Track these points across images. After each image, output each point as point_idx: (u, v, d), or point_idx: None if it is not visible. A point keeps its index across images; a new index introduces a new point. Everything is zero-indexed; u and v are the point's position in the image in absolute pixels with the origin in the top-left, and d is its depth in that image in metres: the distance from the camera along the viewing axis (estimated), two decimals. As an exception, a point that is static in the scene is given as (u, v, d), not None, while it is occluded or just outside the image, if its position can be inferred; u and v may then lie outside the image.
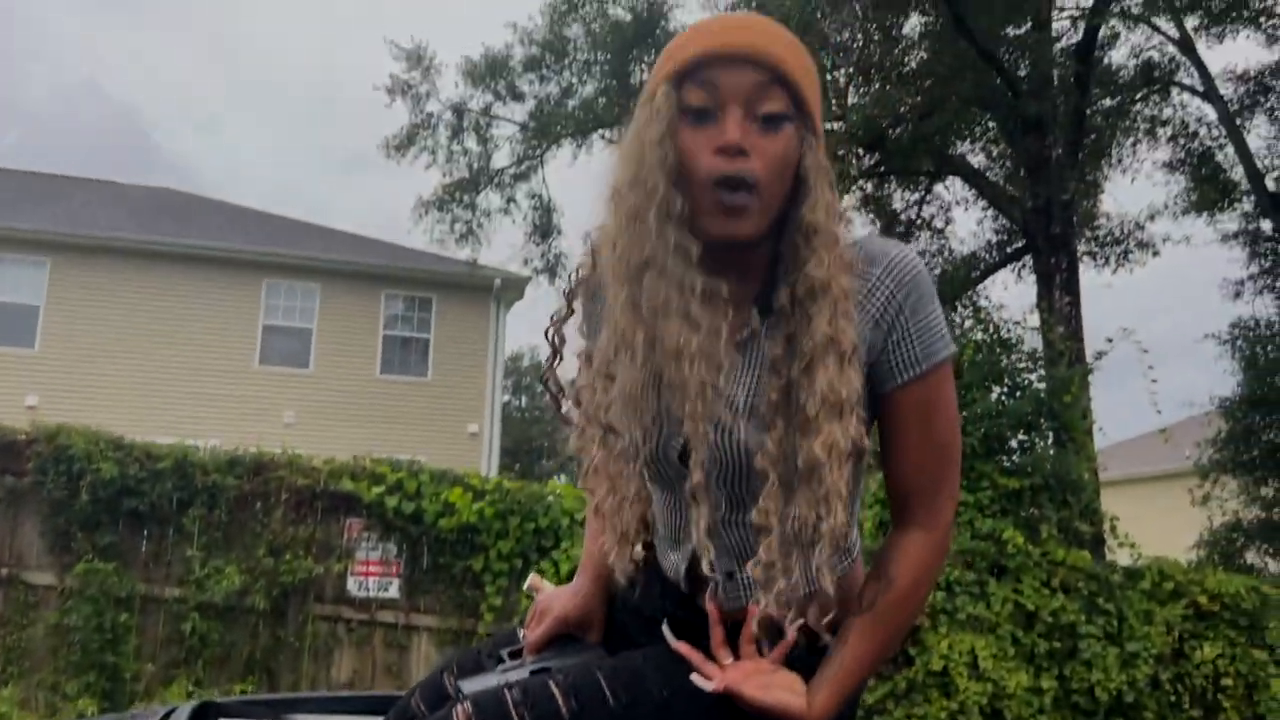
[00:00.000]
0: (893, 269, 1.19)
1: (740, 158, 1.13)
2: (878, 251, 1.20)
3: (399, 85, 15.51)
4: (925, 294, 1.20)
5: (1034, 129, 12.14)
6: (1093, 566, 8.22)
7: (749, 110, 1.14)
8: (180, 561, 7.37)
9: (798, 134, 1.17)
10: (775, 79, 1.14)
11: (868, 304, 1.18)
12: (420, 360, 17.82)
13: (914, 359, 1.20)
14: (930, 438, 1.23)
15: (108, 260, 16.46)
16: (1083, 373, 9.74)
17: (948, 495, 1.26)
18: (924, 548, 1.25)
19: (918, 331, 1.20)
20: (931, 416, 1.23)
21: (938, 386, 1.23)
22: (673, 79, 1.16)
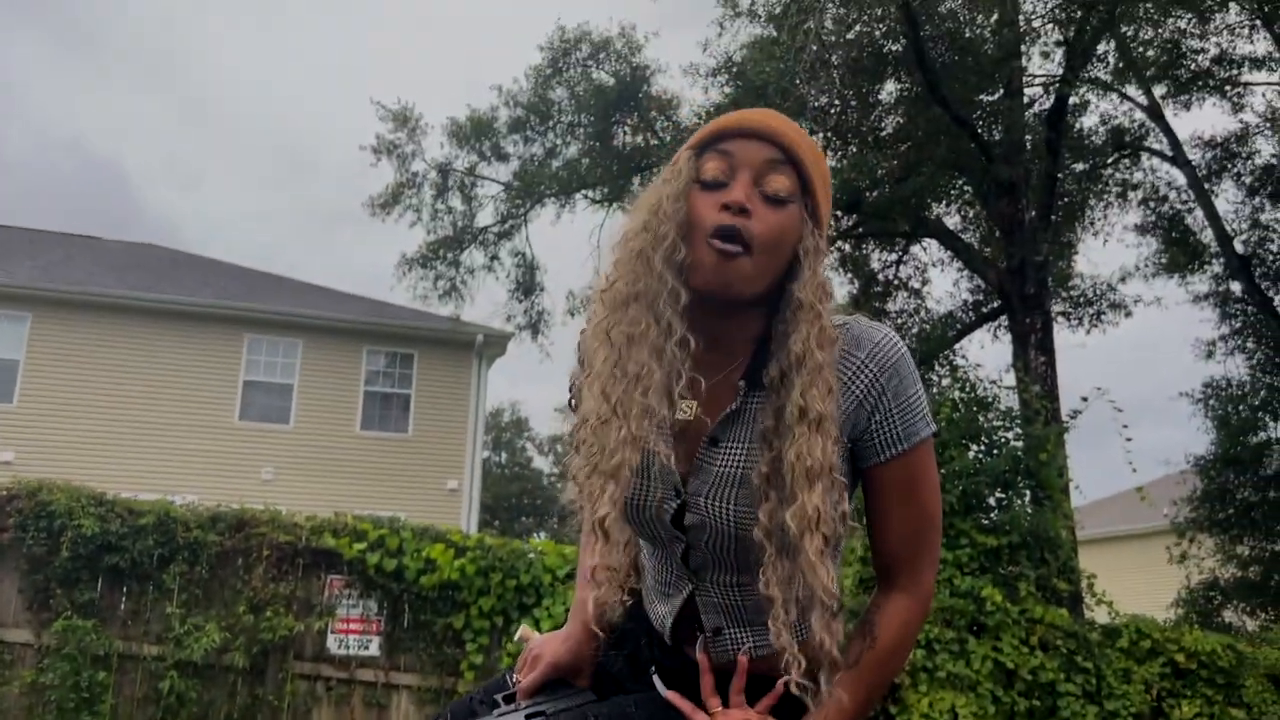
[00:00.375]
0: (876, 353, 1.26)
1: (741, 215, 1.22)
2: (863, 335, 1.27)
3: (385, 145, 15.72)
4: (907, 377, 1.27)
5: (1008, 192, 12.42)
6: (1071, 624, 8.26)
7: (757, 181, 1.25)
8: (159, 619, 7.32)
9: (800, 215, 1.26)
10: (786, 158, 1.26)
11: (852, 385, 1.25)
12: (401, 416, 17.80)
13: (896, 438, 1.27)
14: (913, 510, 1.31)
15: (89, 315, 16.44)
16: (1058, 431, 9.88)
17: (929, 561, 1.34)
18: (907, 610, 1.32)
19: (899, 412, 1.27)
20: (914, 491, 1.30)
21: (919, 463, 1.29)
22: (695, 148, 1.30)
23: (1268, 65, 13.86)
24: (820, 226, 1.28)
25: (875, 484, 1.31)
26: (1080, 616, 9.39)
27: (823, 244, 1.28)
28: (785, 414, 1.22)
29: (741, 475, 1.27)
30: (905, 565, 1.33)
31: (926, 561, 1.34)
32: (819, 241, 1.27)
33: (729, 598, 1.34)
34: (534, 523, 40.45)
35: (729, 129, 1.27)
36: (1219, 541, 15.28)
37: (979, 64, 12.20)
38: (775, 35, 11.63)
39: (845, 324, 1.28)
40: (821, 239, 1.28)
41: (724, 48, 13.09)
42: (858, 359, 1.26)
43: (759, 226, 1.22)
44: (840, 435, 1.24)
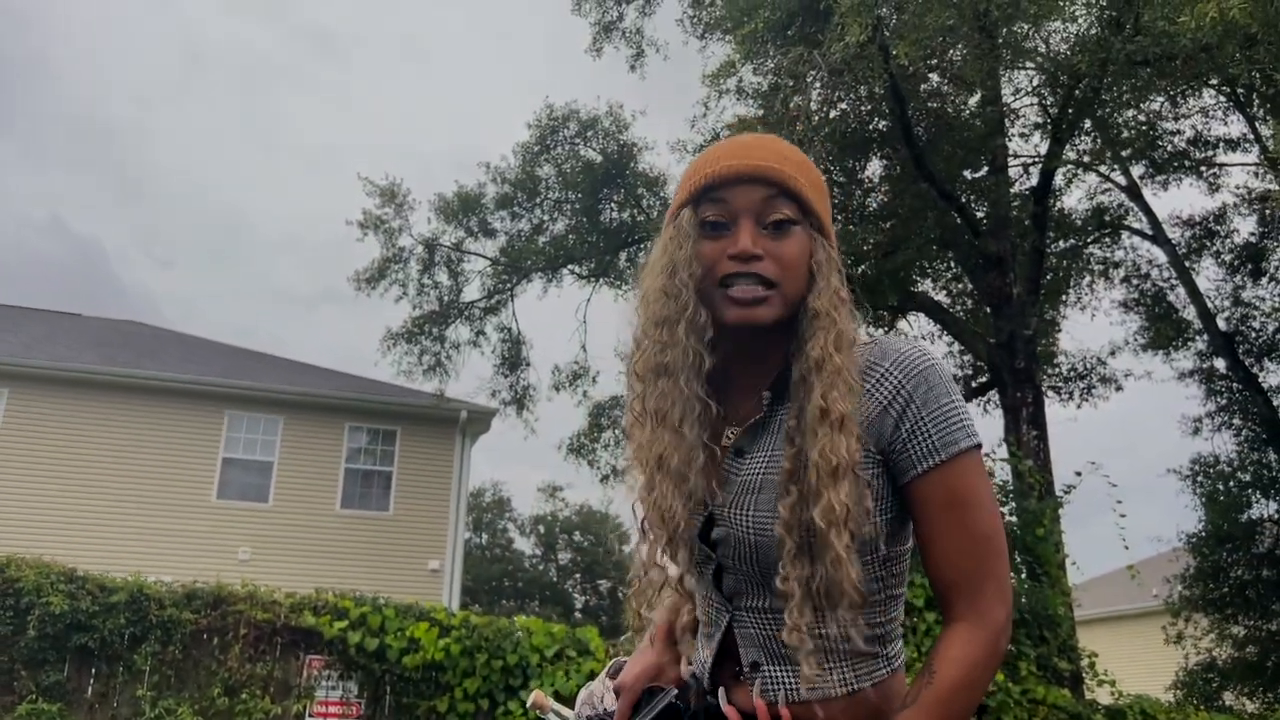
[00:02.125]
0: (901, 361, 1.25)
1: (752, 262, 1.26)
2: (889, 347, 1.28)
3: (372, 220, 15.72)
4: (937, 384, 1.24)
5: (994, 266, 12.49)
6: (1075, 705, 8.07)
7: (759, 221, 1.28)
8: (129, 702, 7.00)
9: (806, 234, 1.31)
10: (781, 192, 1.29)
11: (876, 392, 1.24)
12: (382, 494, 17.49)
13: (931, 449, 1.21)
14: (963, 530, 1.21)
15: (66, 390, 16.19)
16: (1054, 506, 9.77)
17: (994, 590, 1.21)
18: (970, 644, 1.20)
19: (932, 421, 1.22)
20: (961, 509, 1.21)
21: (964, 476, 1.21)
22: (690, 202, 1.33)
23: (1242, 146, 14.13)
24: (827, 236, 1.34)
25: (917, 502, 1.24)
26: (1081, 697, 9.16)
27: (833, 253, 1.33)
28: (806, 415, 1.23)
29: (762, 481, 1.28)
30: (965, 593, 1.22)
31: (990, 589, 1.22)
32: (829, 251, 1.32)
33: (765, 628, 1.28)
34: (516, 605, 39.71)
35: (720, 178, 1.30)
36: (1214, 621, 15.06)
37: (964, 141, 12.37)
38: (761, 113, 11.76)
39: (874, 339, 1.31)
40: (830, 248, 1.33)
41: (710, 125, 13.24)
42: (882, 367, 1.26)
43: (772, 265, 1.27)
44: (864, 440, 1.23)
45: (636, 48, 14.79)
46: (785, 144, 1.36)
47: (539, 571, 42.44)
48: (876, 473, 1.24)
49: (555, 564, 42.81)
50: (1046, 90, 12.60)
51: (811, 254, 1.30)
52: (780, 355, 1.33)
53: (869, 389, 1.24)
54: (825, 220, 1.34)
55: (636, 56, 14.84)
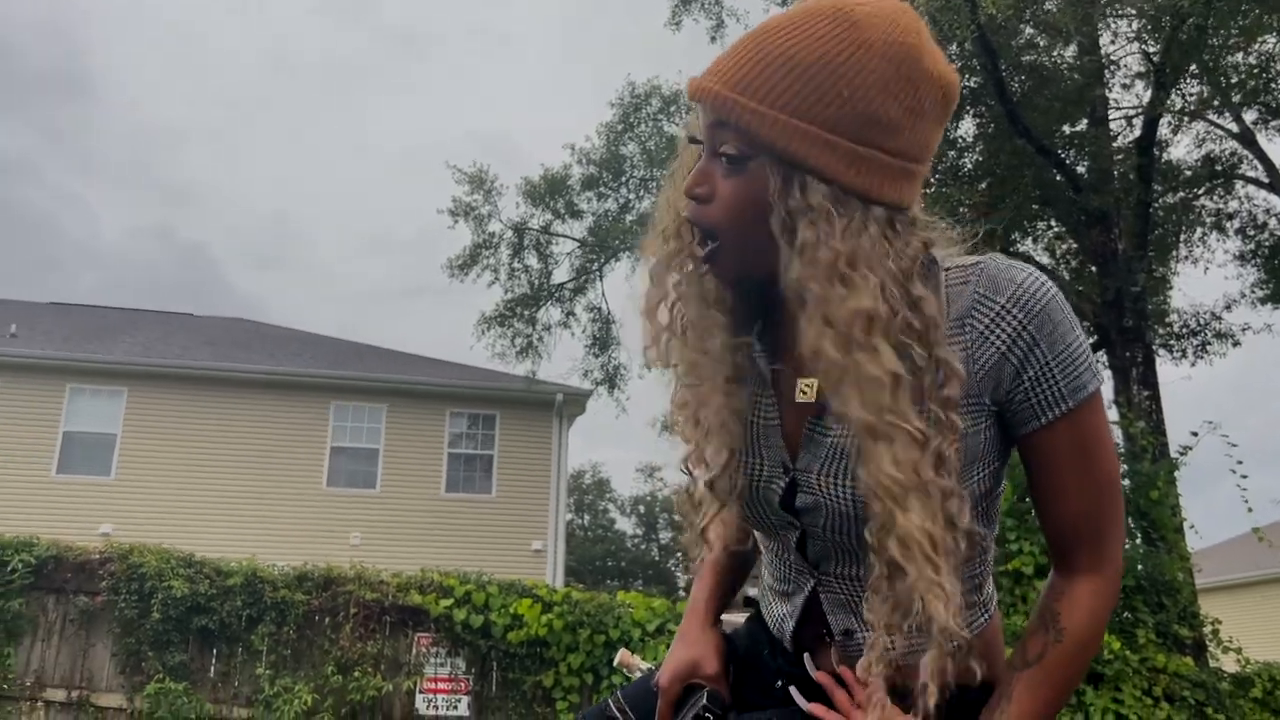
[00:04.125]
0: (1021, 297, 1.04)
1: (697, 205, 1.07)
2: (1002, 277, 1.05)
3: (462, 208, 15.95)
4: (1061, 322, 1.05)
5: (1098, 223, 12.02)
6: (1198, 674, 7.77)
7: (713, 150, 1.05)
8: (249, 680, 7.27)
9: (766, 173, 1.01)
10: (720, 122, 1.03)
11: (992, 336, 1.04)
12: (484, 478, 17.80)
13: (1058, 395, 1.06)
14: (1089, 478, 1.09)
15: (181, 388, 16.86)
16: (1168, 467, 9.38)
17: (1115, 534, 1.12)
18: (1095, 595, 1.11)
19: (1059, 365, 1.05)
20: (1088, 455, 1.09)
21: (1089, 421, 1.08)
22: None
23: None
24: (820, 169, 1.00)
25: (1039, 452, 1.09)
26: (1205, 665, 8.81)
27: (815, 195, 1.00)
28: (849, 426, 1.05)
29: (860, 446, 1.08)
30: (1088, 542, 1.12)
31: (1112, 534, 1.12)
32: (807, 195, 1.00)
33: (856, 593, 1.15)
34: (620, 585, 40.10)
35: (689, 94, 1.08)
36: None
37: (1060, 93, 11.90)
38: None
39: (979, 263, 1.07)
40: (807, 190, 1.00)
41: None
42: (996, 304, 1.04)
43: (716, 209, 1.05)
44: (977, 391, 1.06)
45: (716, 18, 14.62)
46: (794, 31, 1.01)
47: (641, 551, 42.75)
48: (987, 424, 1.08)
49: (657, 543, 43.08)
50: (1148, 35, 12.03)
51: (771, 200, 1.02)
52: None
53: (981, 330, 1.05)
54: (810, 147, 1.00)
55: (717, 27, 14.67)
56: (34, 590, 7.35)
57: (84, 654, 7.26)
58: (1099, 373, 1.10)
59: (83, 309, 21.17)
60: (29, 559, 7.37)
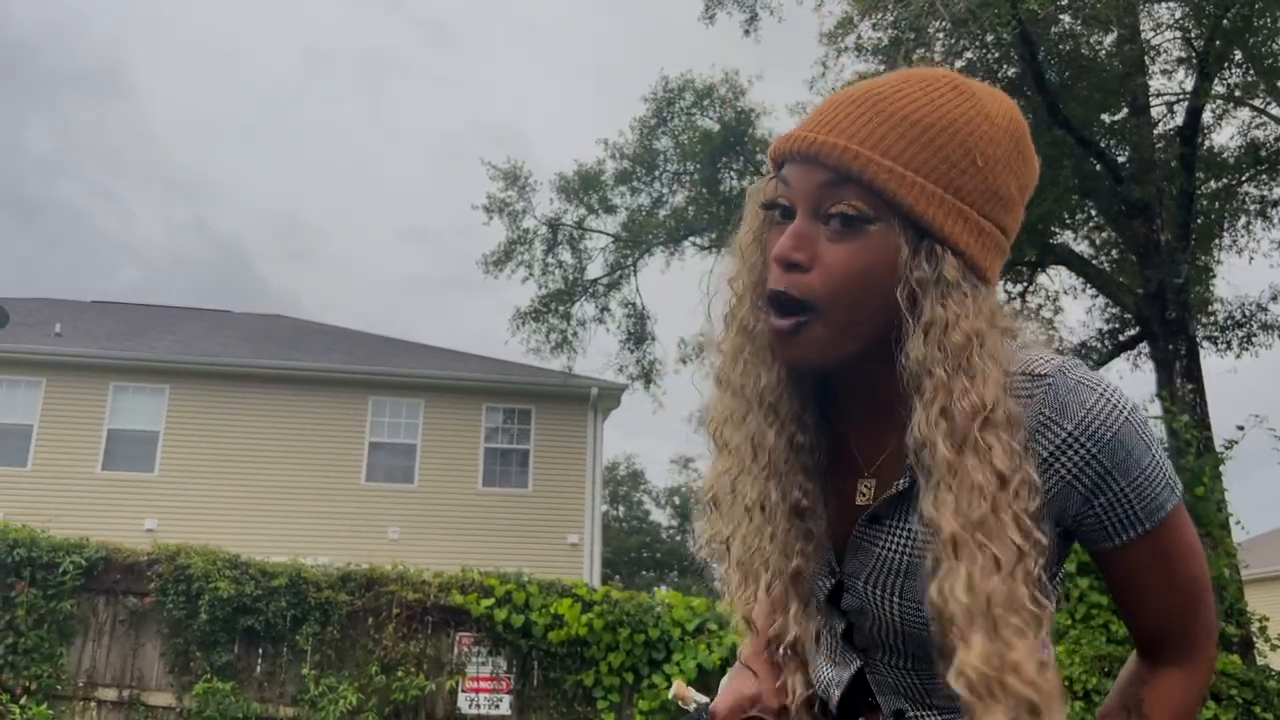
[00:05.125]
0: (1089, 425, 0.95)
1: (793, 272, 0.96)
2: (1071, 400, 0.96)
3: (496, 204, 16.02)
4: (1135, 447, 0.96)
5: (1140, 213, 11.84)
6: (1246, 672, 7.67)
7: (817, 211, 0.96)
8: (294, 680, 7.37)
9: (892, 237, 0.93)
10: (841, 178, 0.94)
11: (1056, 464, 0.96)
12: (520, 472, 17.90)
13: (1134, 519, 0.99)
14: (1172, 584, 1.03)
15: (222, 385, 17.09)
16: (1214, 462, 9.25)
17: (1203, 631, 1.07)
18: (1185, 689, 1.05)
19: (1134, 491, 0.98)
20: (1169, 565, 1.02)
21: (1170, 536, 1.01)
22: (774, 166, 1.03)
23: None
24: (951, 242, 0.93)
25: (1117, 567, 1.03)
26: (1253, 663, 8.70)
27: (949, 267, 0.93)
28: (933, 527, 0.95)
29: (909, 565, 1.01)
30: (1175, 640, 1.07)
31: (1200, 631, 1.06)
32: (941, 266, 0.93)
33: (906, 680, 1.10)
34: (655, 576, 40.20)
35: (782, 152, 1.00)
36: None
37: (1100, 83, 11.73)
38: (882, 69, 11.41)
39: (1048, 378, 0.97)
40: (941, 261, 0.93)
41: (829, 85, 12.91)
42: (1063, 430, 0.95)
43: (818, 277, 0.94)
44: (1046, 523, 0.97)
45: (750, 11, 14.53)
46: (911, 94, 0.97)
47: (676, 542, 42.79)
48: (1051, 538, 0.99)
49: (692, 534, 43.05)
50: (1190, 22, 11.82)
51: (897, 269, 0.93)
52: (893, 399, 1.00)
53: (1044, 457, 0.96)
54: (947, 215, 0.94)
55: (750, 20, 14.58)
56: (85, 591, 7.50)
57: (134, 654, 7.40)
58: (1178, 487, 1.02)
59: (124, 307, 21.50)
60: (79, 560, 7.52)
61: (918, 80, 0.99)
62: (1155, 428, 9.81)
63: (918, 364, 0.93)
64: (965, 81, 1.00)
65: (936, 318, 0.93)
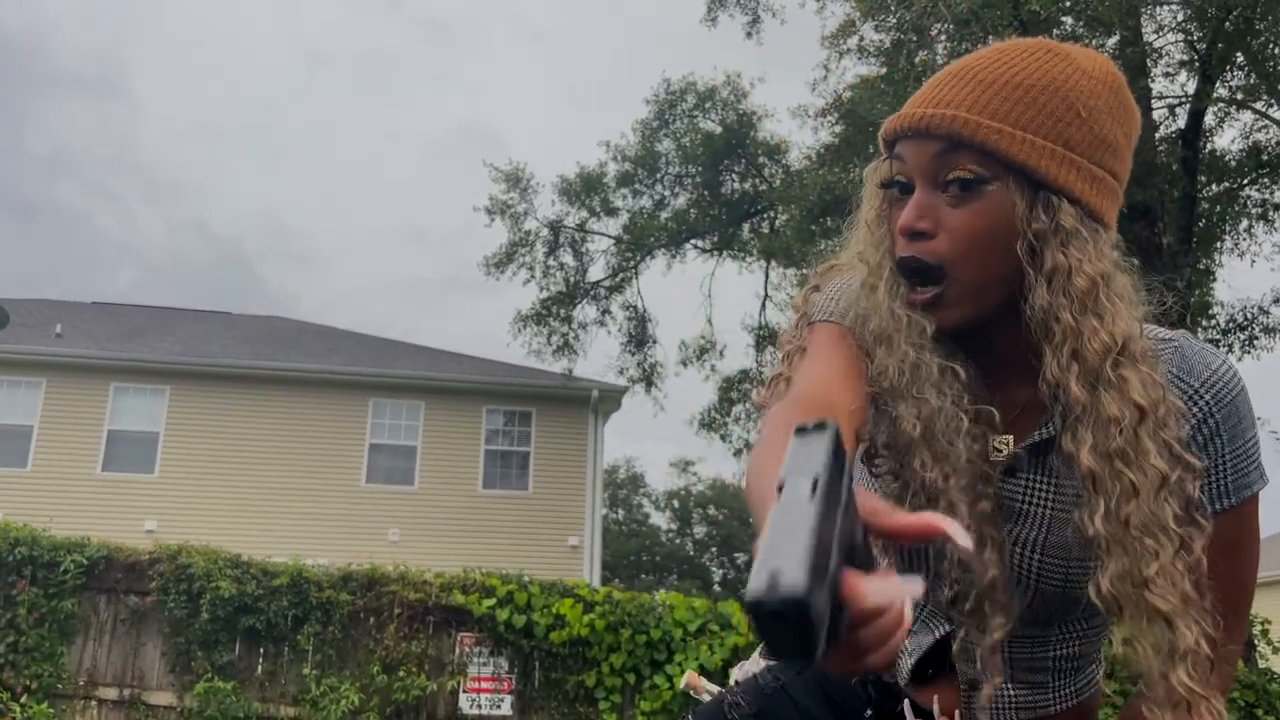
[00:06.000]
0: (1214, 383, 1.01)
1: (919, 240, 1.00)
2: (1196, 360, 1.02)
3: (498, 206, 16.02)
4: (1245, 417, 1.03)
5: (1142, 216, 11.85)
6: (1247, 675, 7.66)
7: (935, 181, 1.00)
8: (295, 680, 7.35)
9: (1009, 193, 0.98)
10: (954, 145, 0.98)
11: (1184, 415, 1.00)
12: (521, 474, 17.88)
13: (1226, 489, 1.03)
14: (1232, 570, 1.05)
15: (222, 386, 17.07)
16: (1216, 465, 9.25)
17: (1241, 628, 1.11)
18: (1220, 674, 1.06)
19: (1233, 459, 1.03)
20: (1237, 549, 1.05)
21: (1247, 521, 1.05)
22: (886, 147, 1.07)
23: None
24: (1066, 191, 0.97)
25: None
26: (1254, 666, 8.70)
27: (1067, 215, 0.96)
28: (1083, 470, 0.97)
29: (1051, 518, 1.04)
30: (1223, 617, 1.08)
31: (1240, 627, 1.10)
32: (1058, 215, 0.96)
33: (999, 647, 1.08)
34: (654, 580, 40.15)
35: (894, 131, 1.04)
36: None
37: (1102, 86, 11.73)
38: (884, 71, 11.42)
39: (1173, 340, 1.04)
40: (1058, 211, 0.97)
41: (832, 87, 12.94)
42: (1190, 385, 1.01)
43: (945, 243, 0.99)
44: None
45: (752, 14, 14.55)
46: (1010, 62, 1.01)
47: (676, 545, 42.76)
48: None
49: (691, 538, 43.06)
50: (1193, 25, 11.83)
51: (1016, 223, 0.97)
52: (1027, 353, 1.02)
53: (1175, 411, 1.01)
54: (1059, 166, 0.98)
55: (752, 23, 14.61)
56: (85, 590, 7.48)
57: (135, 653, 7.38)
58: (1265, 473, 1.06)
59: (125, 308, 21.50)
60: (80, 559, 7.50)
61: (1013, 49, 1.04)
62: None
63: (1044, 312, 0.97)
64: (1058, 45, 1.05)
65: (1059, 265, 0.97)
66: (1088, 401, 0.95)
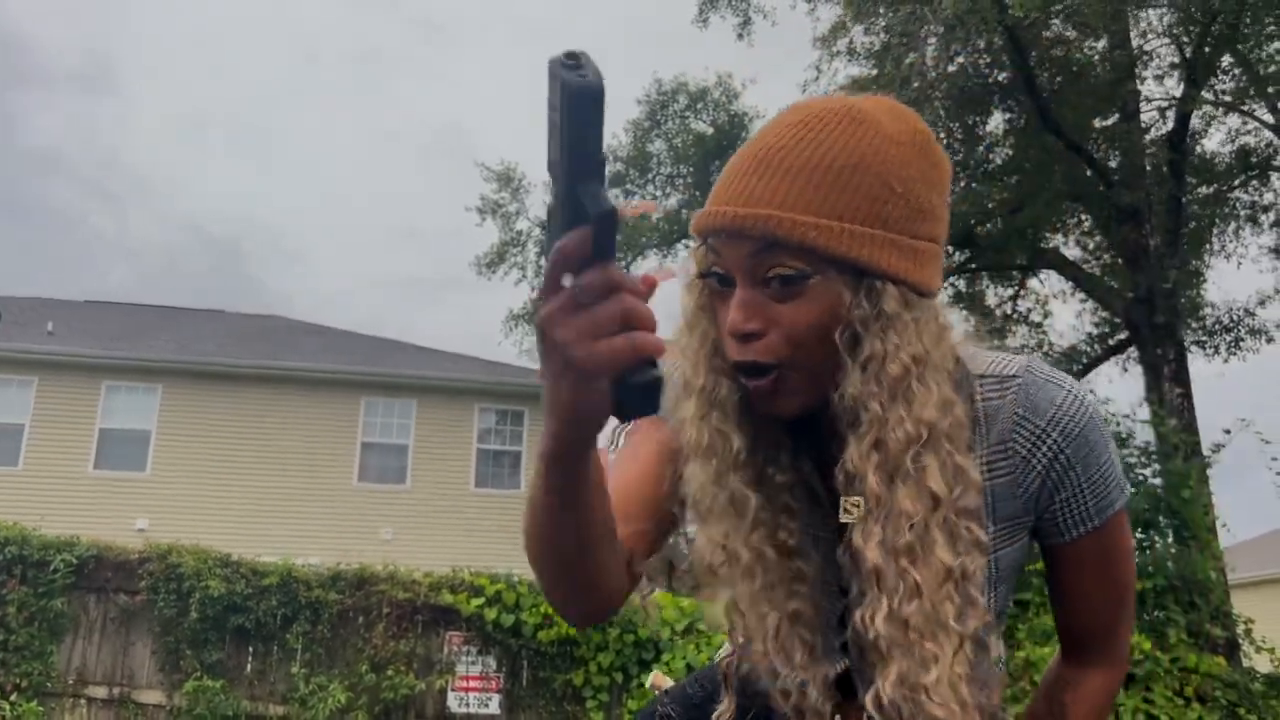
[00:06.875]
0: (1059, 420, 1.01)
1: (750, 342, 0.97)
2: (1041, 398, 1.02)
3: (489, 205, 16.04)
4: (1097, 443, 1.04)
5: (1130, 219, 11.91)
6: (1231, 674, 7.73)
7: (755, 278, 0.96)
8: (284, 678, 7.39)
9: (834, 286, 0.95)
10: (768, 244, 0.94)
11: (1033, 460, 1.03)
12: (513, 473, 17.92)
13: (1087, 514, 1.07)
14: (1108, 583, 1.12)
15: (214, 385, 17.08)
16: (1200, 466, 9.32)
17: (1125, 633, 1.16)
18: (1102, 691, 1.14)
19: (1090, 485, 1.05)
20: (1107, 563, 1.11)
21: (1113, 534, 1.10)
22: (700, 239, 1.02)
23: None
24: (890, 271, 0.95)
25: (1061, 561, 1.11)
26: (1239, 665, 8.75)
27: (890, 300, 0.95)
28: (860, 565, 0.99)
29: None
30: (1100, 639, 1.15)
31: (1123, 633, 1.16)
32: (881, 301, 0.95)
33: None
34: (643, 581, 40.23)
35: (704, 229, 0.99)
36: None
37: (1091, 88, 11.80)
38: (875, 73, 11.47)
39: (1016, 378, 1.03)
40: (881, 296, 0.95)
41: (822, 88, 12.97)
42: (1036, 426, 1.02)
43: (777, 338, 0.96)
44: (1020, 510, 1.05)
45: (744, 15, 14.59)
46: (816, 140, 0.96)
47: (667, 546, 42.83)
48: (1026, 539, 1.09)
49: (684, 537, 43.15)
50: (1180, 29, 11.90)
51: (841, 313, 0.95)
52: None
53: (1024, 455, 1.03)
54: (879, 251, 0.95)
55: (744, 24, 14.64)
56: (75, 589, 7.51)
57: (124, 652, 7.42)
58: (1126, 487, 1.10)
59: (117, 307, 21.48)
60: (70, 559, 7.53)
61: (815, 120, 0.98)
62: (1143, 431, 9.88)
63: (854, 400, 0.95)
64: (858, 106, 1.00)
65: (875, 352, 0.95)
66: (883, 495, 0.95)
